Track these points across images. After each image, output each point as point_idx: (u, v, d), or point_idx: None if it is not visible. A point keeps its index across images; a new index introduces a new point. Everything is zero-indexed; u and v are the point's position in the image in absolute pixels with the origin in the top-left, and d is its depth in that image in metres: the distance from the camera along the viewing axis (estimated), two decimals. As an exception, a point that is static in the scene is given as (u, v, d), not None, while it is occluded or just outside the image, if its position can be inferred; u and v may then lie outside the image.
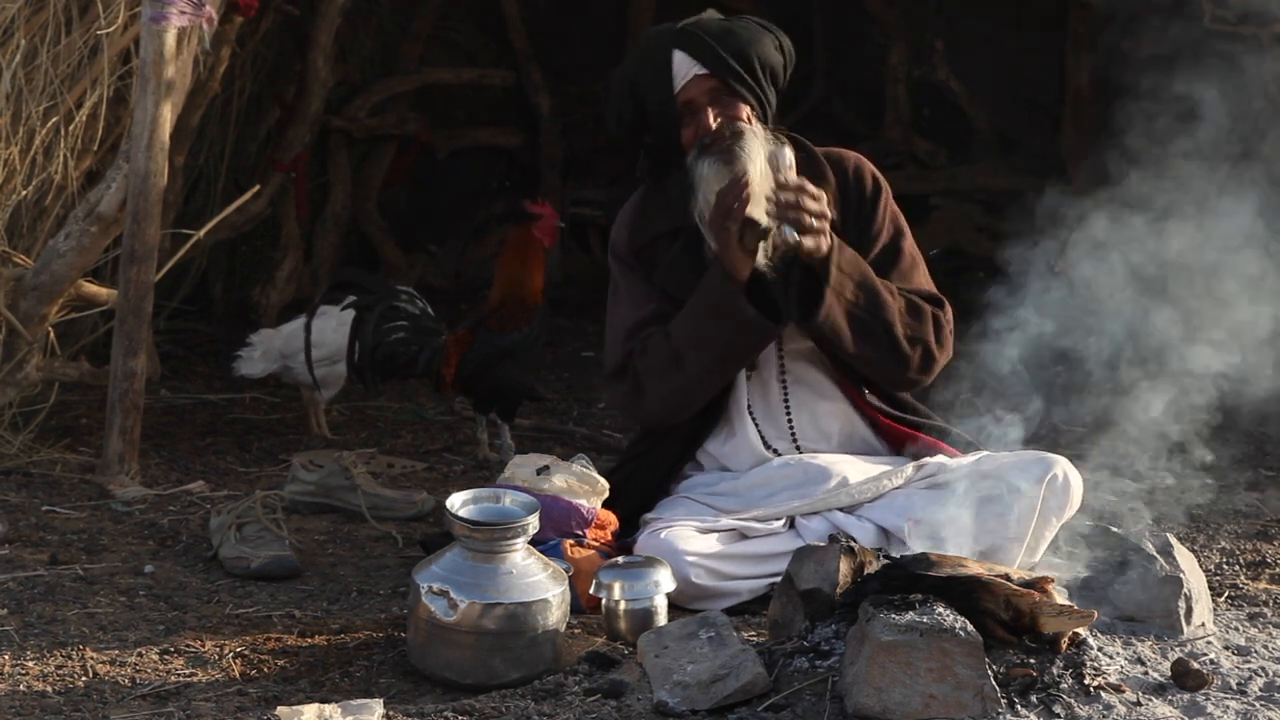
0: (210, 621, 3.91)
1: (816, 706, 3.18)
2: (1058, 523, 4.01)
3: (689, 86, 4.11)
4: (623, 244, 4.28)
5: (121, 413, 5.04)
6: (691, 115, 4.12)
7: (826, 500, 4.10)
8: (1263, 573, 4.33)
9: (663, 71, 4.10)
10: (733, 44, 4.11)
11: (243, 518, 4.35)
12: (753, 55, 4.12)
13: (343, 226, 7.98)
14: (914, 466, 4.12)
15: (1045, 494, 3.97)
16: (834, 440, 4.26)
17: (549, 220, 5.41)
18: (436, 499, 4.85)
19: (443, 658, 3.54)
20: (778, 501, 4.11)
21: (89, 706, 3.40)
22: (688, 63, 4.10)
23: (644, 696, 3.29)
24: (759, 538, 4.07)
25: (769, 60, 4.15)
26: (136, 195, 5.00)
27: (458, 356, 5.35)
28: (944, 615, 3.17)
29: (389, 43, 8.19)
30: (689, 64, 4.10)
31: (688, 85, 4.11)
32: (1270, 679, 3.38)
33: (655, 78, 4.11)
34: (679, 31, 4.13)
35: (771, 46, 4.17)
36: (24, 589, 4.10)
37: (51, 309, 5.16)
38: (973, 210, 8.43)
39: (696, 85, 4.11)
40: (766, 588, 4.02)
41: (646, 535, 4.06)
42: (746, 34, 4.14)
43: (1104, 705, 3.19)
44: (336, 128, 7.81)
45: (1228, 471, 5.33)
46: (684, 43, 4.10)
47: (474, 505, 3.67)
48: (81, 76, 5.17)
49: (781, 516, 4.10)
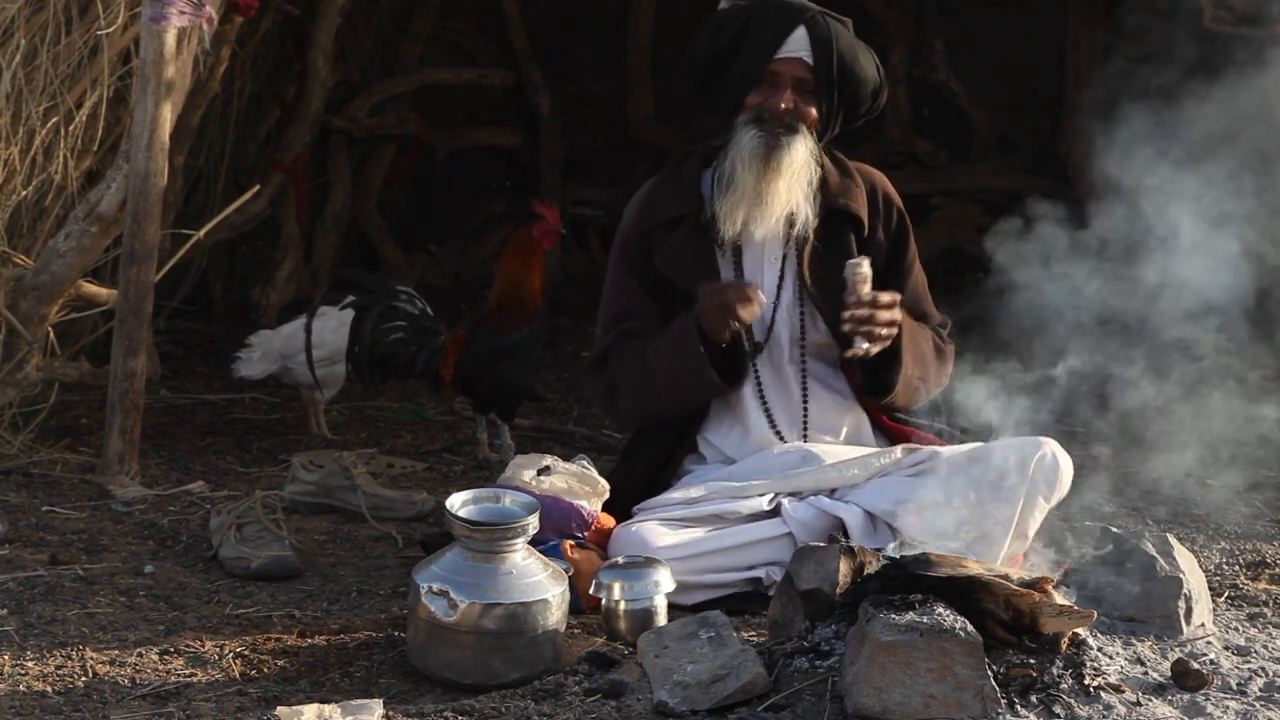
0: (210, 621, 3.91)
1: (816, 706, 3.18)
2: (1046, 504, 4.03)
3: (789, 62, 4.18)
4: (631, 225, 4.34)
5: (121, 413, 5.04)
6: (770, 86, 4.19)
7: (814, 479, 4.12)
8: (1263, 573, 4.33)
9: (778, 34, 4.17)
10: (849, 59, 4.19)
11: (243, 518, 4.35)
12: (856, 81, 4.21)
13: (343, 226, 7.98)
14: (904, 449, 4.16)
15: (1034, 473, 4.01)
16: (841, 435, 4.31)
17: (550, 224, 5.42)
18: (436, 499, 4.85)
19: (443, 658, 3.55)
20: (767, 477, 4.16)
21: (89, 706, 3.40)
22: (803, 43, 4.17)
23: (644, 696, 3.29)
24: (739, 525, 4.08)
25: (863, 94, 4.25)
26: (136, 195, 5.00)
27: (456, 357, 5.36)
28: (944, 615, 3.17)
29: (389, 43, 8.19)
30: (803, 45, 4.17)
31: (789, 61, 4.18)
32: (1270, 679, 3.38)
33: (768, 35, 4.18)
34: (816, 15, 4.20)
35: (872, 85, 4.26)
36: (24, 589, 4.10)
37: (51, 309, 5.16)
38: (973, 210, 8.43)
39: (794, 66, 4.18)
40: (746, 580, 4.04)
41: (619, 529, 4.09)
42: (865, 61, 4.23)
43: (1104, 705, 3.19)
44: (336, 128, 7.81)
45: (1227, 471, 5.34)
46: (812, 27, 4.18)
47: (474, 505, 3.68)
48: (81, 76, 5.17)
49: (766, 493, 4.12)
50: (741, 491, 4.13)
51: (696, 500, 4.12)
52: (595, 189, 8.68)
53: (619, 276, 4.35)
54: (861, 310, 4.07)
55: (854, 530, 4.01)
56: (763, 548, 4.07)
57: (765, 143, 4.15)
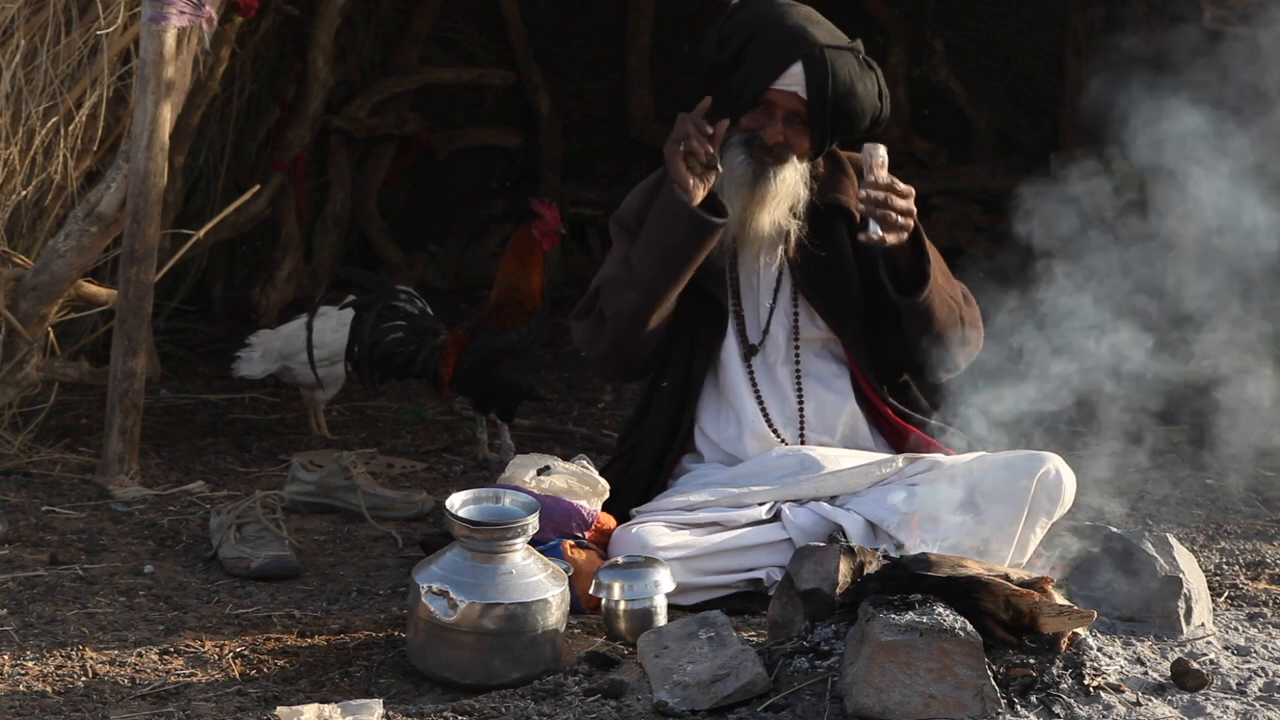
0: (210, 621, 3.91)
1: (816, 706, 3.18)
2: (1048, 521, 4.01)
3: (783, 95, 4.14)
4: (630, 212, 4.33)
5: (121, 413, 5.04)
6: (765, 114, 4.16)
7: (815, 486, 4.11)
8: (1263, 573, 4.33)
9: (776, 65, 4.13)
10: (844, 95, 4.14)
11: (243, 518, 4.35)
12: (852, 111, 4.17)
13: (343, 226, 7.98)
14: (905, 459, 4.14)
15: (1036, 491, 3.98)
16: (838, 434, 4.29)
17: (550, 224, 5.41)
18: (436, 499, 4.85)
19: (443, 658, 3.54)
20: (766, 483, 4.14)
21: (89, 706, 3.40)
22: (799, 79, 4.13)
23: (644, 696, 3.29)
24: (738, 529, 4.08)
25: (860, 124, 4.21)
26: (136, 195, 5.00)
27: (456, 357, 5.36)
28: (944, 615, 3.17)
29: (389, 43, 8.20)
30: (799, 81, 4.13)
31: (783, 94, 4.14)
32: (1270, 679, 3.38)
33: (767, 64, 4.14)
34: (817, 53, 4.13)
35: (871, 114, 4.21)
36: (24, 589, 4.10)
37: (51, 309, 5.16)
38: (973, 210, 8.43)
39: (789, 99, 4.15)
40: (746, 581, 4.04)
41: (620, 530, 4.09)
42: (864, 92, 4.17)
43: (1104, 705, 3.19)
44: (336, 128, 7.82)
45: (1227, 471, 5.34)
46: (809, 63, 4.12)
47: (474, 505, 3.67)
48: (81, 76, 5.17)
49: (766, 501, 4.11)
50: (741, 499, 4.12)
51: (696, 506, 4.11)
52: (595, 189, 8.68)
53: (618, 244, 4.31)
54: (878, 192, 4.00)
55: (854, 537, 4.00)
56: (762, 552, 4.07)
57: (753, 170, 4.13)
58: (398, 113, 8.11)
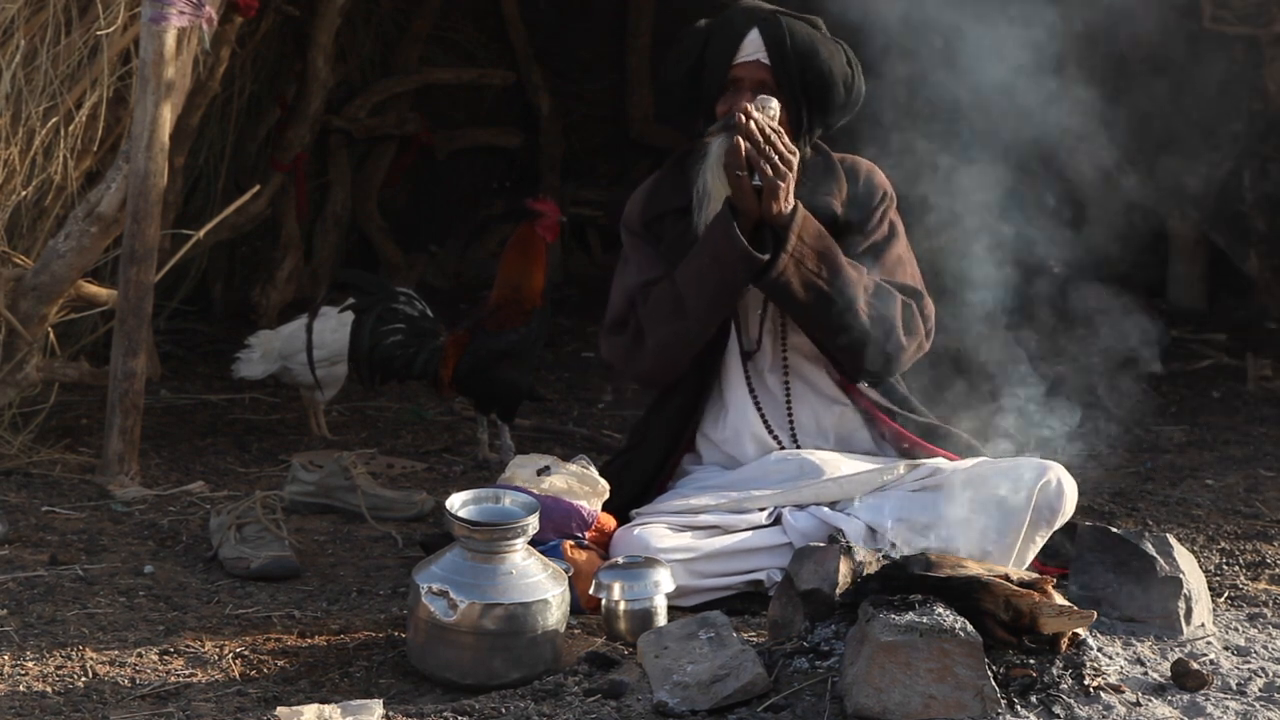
0: (210, 622, 3.91)
1: (816, 707, 3.18)
2: (1049, 530, 4.00)
3: (747, 66, 4.18)
4: (635, 216, 4.34)
5: (121, 413, 5.04)
6: (734, 92, 4.18)
7: (815, 492, 4.11)
8: (1263, 573, 4.33)
9: (733, 41, 4.18)
10: (805, 52, 4.16)
11: (243, 518, 4.35)
12: (818, 74, 4.17)
13: (343, 226, 7.98)
14: (906, 465, 4.13)
15: (1038, 499, 3.96)
16: (831, 438, 4.28)
17: (551, 217, 5.41)
18: (436, 499, 4.85)
19: (443, 658, 3.55)
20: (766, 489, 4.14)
21: (89, 706, 3.40)
22: (757, 45, 4.17)
23: (644, 697, 3.29)
24: (739, 533, 4.07)
25: (832, 88, 4.19)
26: (136, 195, 5.00)
27: (455, 357, 5.35)
28: (944, 615, 3.17)
29: (389, 43, 8.20)
30: (758, 48, 4.17)
31: (746, 65, 4.18)
32: (1270, 679, 3.38)
33: (724, 44, 4.19)
34: (768, 15, 4.20)
35: (841, 78, 4.20)
36: (24, 589, 4.10)
37: (51, 309, 5.16)
38: (972, 210, 8.42)
39: (752, 69, 4.18)
40: (747, 584, 4.03)
41: (621, 531, 4.09)
42: (825, 53, 4.18)
43: (1104, 705, 3.19)
44: (336, 128, 7.82)
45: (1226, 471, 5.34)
46: (764, 28, 4.18)
47: (474, 505, 3.67)
48: (81, 77, 5.17)
49: (766, 506, 4.11)
50: (742, 503, 4.12)
51: (698, 511, 4.11)
52: (595, 189, 8.68)
53: (635, 252, 4.31)
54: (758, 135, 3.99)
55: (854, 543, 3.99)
56: (762, 555, 4.06)
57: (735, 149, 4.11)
58: (398, 113, 8.12)
